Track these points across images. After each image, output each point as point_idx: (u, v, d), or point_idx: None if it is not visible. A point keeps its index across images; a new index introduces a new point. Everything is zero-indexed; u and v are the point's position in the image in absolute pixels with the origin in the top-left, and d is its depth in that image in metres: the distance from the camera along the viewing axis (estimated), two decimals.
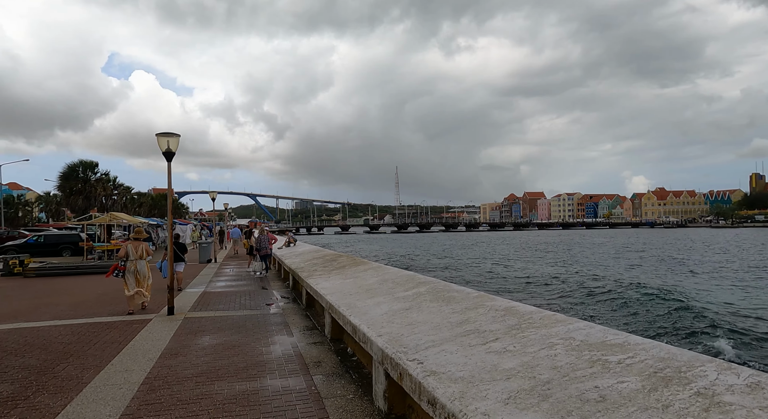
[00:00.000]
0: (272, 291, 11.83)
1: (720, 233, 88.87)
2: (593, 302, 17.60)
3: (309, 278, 8.79)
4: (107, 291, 11.81)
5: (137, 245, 9.18)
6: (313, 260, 12.16)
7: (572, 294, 19.38)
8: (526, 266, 31.43)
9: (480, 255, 42.86)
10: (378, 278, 7.17)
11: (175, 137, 8.48)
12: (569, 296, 19.06)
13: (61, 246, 27.37)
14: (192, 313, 8.66)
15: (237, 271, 17.12)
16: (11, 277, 15.99)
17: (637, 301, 17.09)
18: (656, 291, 18.55)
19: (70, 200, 30.80)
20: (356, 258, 10.81)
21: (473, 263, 35.30)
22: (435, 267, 31.94)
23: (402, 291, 5.82)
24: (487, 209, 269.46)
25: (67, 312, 8.87)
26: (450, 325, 3.96)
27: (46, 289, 12.62)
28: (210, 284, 13.44)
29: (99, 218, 23.11)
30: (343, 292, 6.62)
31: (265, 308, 9.25)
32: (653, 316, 14.75)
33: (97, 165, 32.48)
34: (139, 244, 9.22)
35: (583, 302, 17.66)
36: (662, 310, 15.42)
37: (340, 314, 5.42)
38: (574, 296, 19.04)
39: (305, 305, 9.26)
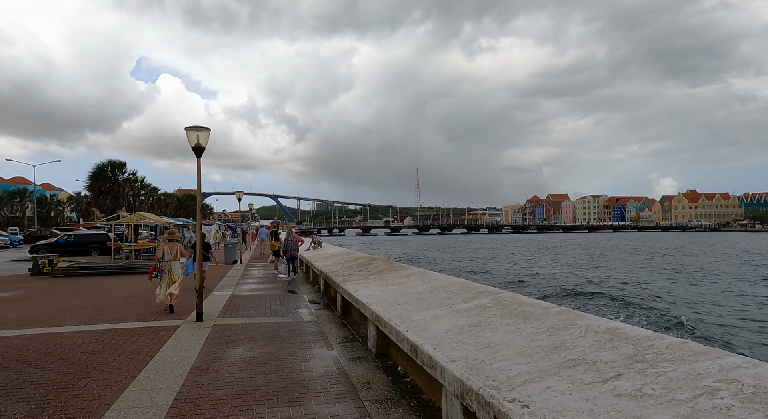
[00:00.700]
0: (302, 295, 11.25)
1: (760, 237, 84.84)
2: (701, 322, 14.44)
3: (345, 283, 8.13)
4: (133, 293, 11.45)
5: (172, 246, 9.28)
6: (345, 263, 11.53)
7: (644, 310, 16.53)
8: (564, 271, 30.19)
9: (509, 258, 41.61)
10: (426, 286, 6.45)
11: (205, 132, 7.97)
12: (646, 311, 16.08)
13: (90, 246, 27.62)
14: (221, 319, 8.12)
15: (264, 273, 16.65)
16: (40, 276, 15.91)
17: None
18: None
19: (99, 200, 31.14)
20: (393, 262, 10.13)
21: (506, 266, 34.15)
22: (468, 270, 30.92)
23: (461, 303, 5.09)
24: (510, 211, 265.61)
25: (93, 316, 8.45)
26: (542, 350, 3.22)
27: (73, 290, 12.36)
28: (237, 286, 12.97)
29: (127, 218, 23.10)
30: (389, 301, 5.93)
31: (298, 315, 8.65)
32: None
33: (125, 165, 32.82)
34: (174, 245, 9.31)
35: (677, 320, 14.53)
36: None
37: (392, 328, 4.72)
38: (653, 313, 15.88)
39: (340, 312, 8.61)
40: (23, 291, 12.17)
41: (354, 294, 6.98)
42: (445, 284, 6.30)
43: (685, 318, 14.73)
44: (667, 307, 17.10)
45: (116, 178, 31.85)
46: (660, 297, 19.48)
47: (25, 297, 11.09)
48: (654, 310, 16.35)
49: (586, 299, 18.90)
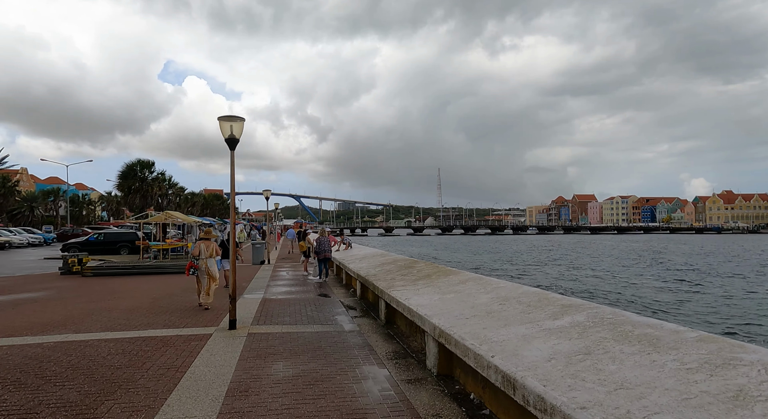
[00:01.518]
0: (336, 300, 10.52)
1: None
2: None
3: (391, 289, 7.33)
4: (161, 295, 10.95)
5: (208, 244, 9.56)
6: (383, 265, 10.75)
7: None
8: (604, 274, 28.69)
9: (544, 259, 40.01)
10: (491, 295, 5.59)
11: (239, 122, 7.30)
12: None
13: (119, 244, 27.70)
14: (256, 327, 7.43)
15: (293, 275, 16.04)
16: (70, 276, 15.70)
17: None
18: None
19: (128, 199, 31.32)
20: (439, 265, 9.29)
21: (542, 268, 32.67)
22: (506, 272, 29.63)
23: (547, 319, 4.22)
24: (534, 212, 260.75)
25: (120, 321, 7.90)
26: (717, 401, 2.33)
27: (101, 291, 11.97)
28: (268, 289, 12.35)
29: (155, 217, 22.96)
30: (452, 314, 5.09)
31: (337, 323, 7.89)
32: None
33: (153, 164, 32.97)
34: (209, 244, 9.60)
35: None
36: None
37: (468, 350, 3.89)
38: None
39: (384, 320, 7.82)
40: (52, 291, 11.84)
41: (405, 303, 6.16)
42: (514, 294, 5.42)
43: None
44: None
45: (145, 177, 32.00)
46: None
47: (53, 298, 10.72)
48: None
49: (700, 317, 15.80)
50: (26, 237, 38.64)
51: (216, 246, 9.75)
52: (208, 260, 9.38)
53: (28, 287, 12.64)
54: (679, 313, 16.25)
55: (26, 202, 58.24)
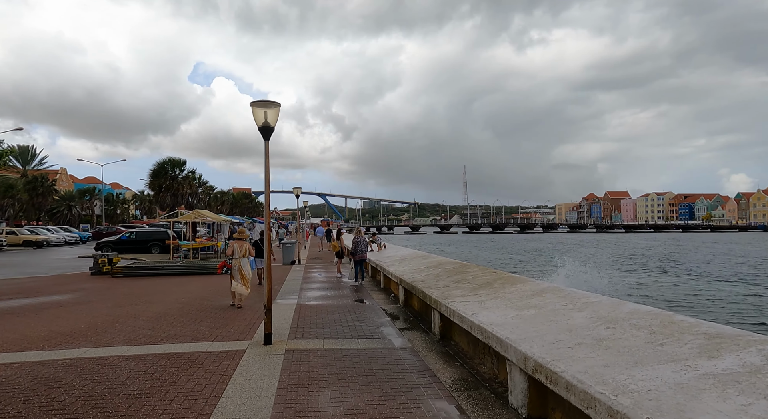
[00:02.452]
0: (377, 307, 9.56)
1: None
2: None
3: (448, 300, 6.28)
4: (190, 300, 10.24)
5: (241, 244, 9.62)
6: (428, 269, 9.71)
7: None
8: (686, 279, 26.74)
9: (597, 259, 37.65)
10: (586, 314, 4.47)
11: (274, 108, 6.40)
12: None
13: (151, 243, 27.66)
14: (294, 342, 6.53)
15: (327, 276, 15.20)
16: (100, 276, 15.34)
17: None
18: None
19: (159, 198, 31.33)
20: (495, 270, 8.18)
21: (605, 271, 30.36)
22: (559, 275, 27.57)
23: (698, 356, 3.08)
24: (563, 210, 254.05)
25: (145, 332, 7.15)
26: None
27: (129, 293, 11.39)
28: (302, 293, 11.51)
29: (185, 216, 22.64)
30: (544, 339, 4.01)
31: (384, 337, 6.90)
32: None
33: (184, 163, 32.94)
34: (243, 243, 9.69)
35: None
36: None
37: (603, 405, 2.81)
38: None
39: (439, 335, 6.77)
40: (79, 294, 11.34)
41: (472, 320, 5.11)
42: (621, 313, 4.29)
43: None
44: None
45: (175, 175, 31.97)
46: None
47: (79, 302, 10.17)
48: None
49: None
50: (63, 236, 39.46)
51: (249, 246, 9.89)
52: (242, 260, 9.46)
53: (56, 289, 12.22)
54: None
55: (64, 201, 60.01)
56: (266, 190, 6.40)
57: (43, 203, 47.91)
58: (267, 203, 6.52)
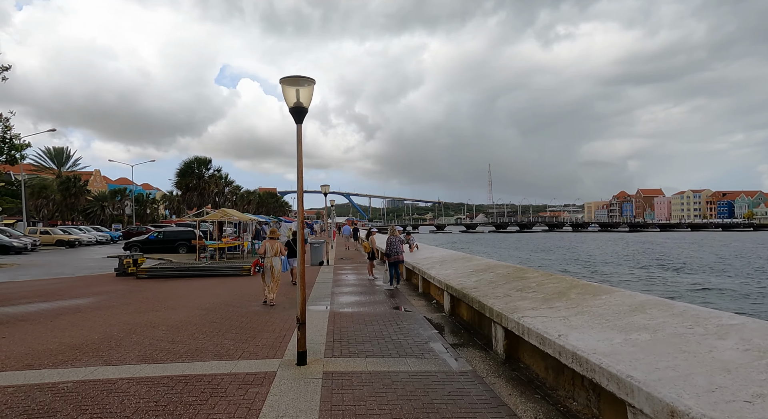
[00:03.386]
0: (418, 314, 8.51)
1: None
2: None
3: (517, 314, 5.18)
4: (215, 306, 9.42)
5: (273, 243, 9.75)
6: (477, 273, 8.59)
7: None
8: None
9: (649, 260, 35.10)
10: (731, 341, 3.30)
11: (308, 86, 5.43)
12: None
13: (178, 243, 27.41)
14: (332, 361, 5.55)
15: (358, 279, 14.23)
16: (125, 277, 14.84)
17: None
18: None
19: (186, 197, 31.12)
20: (560, 275, 7.00)
21: (669, 273, 28.04)
22: (622, 279, 25.56)
23: None
24: (593, 208, 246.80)
25: (163, 345, 6.32)
26: None
27: (152, 297, 10.70)
28: (334, 297, 10.57)
29: (211, 215, 22.14)
30: (692, 382, 2.87)
31: (436, 355, 5.85)
32: None
33: (210, 161, 32.67)
34: (275, 242, 9.80)
35: None
36: None
37: None
38: None
39: (503, 355, 5.67)
40: (101, 298, 10.72)
41: (562, 345, 3.99)
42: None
43: None
44: None
45: (202, 174, 31.71)
46: None
47: (98, 306, 9.51)
48: None
49: None
50: (94, 235, 39.99)
51: (281, 245, 10.00)
52: (273, 259, 9.57)
53: (78, 292, 11.67)
54: None
55: (98, 201, 61.34)
56: (299, 180, 5.43)
57: (76, 203, 48.88)
58: (300, 195, 5.54)
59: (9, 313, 8.88)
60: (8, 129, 10.42)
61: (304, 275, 5.63)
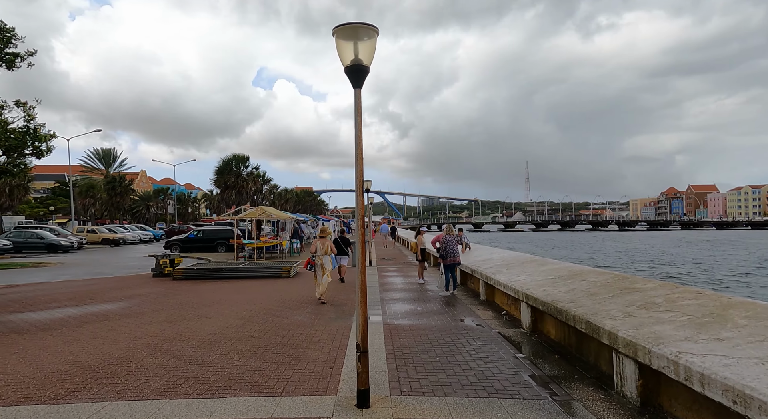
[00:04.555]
0: (489, 329, 7.06)
1: None
2: None
3: (675, 351, 3.65)
4: (253, 314, 8.31)
5: (324, 242, 9.74)
6: (561, 281, 7.02)
7: None
8: None
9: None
10: None
11: (369, 39, 4.11)
12: None
13: (217, 241, 27.05)
14: (401, 402, 4.21)
15: (406, 282, 12.89)
16: (161, 278, 14.15)
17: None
18: None
19: (225, 195, 30.80)
20: (691, 288, 5.36)
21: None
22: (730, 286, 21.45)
23: None
24: (638, 205, 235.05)
25: (190, 368, 5.19)
26: None
27: (185, 303, 9.77)
28: (385, 305, 9.27)
29: (248, 213, 21.40)
30: None
31: (541, 396, 4.39)
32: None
33: (248, 159, 32.27)
34: (325, 241, 9.79)
35: None
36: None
37: None
38: None
39: (638, 399, 4.14)
40: (132, 302, 9.88)
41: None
42: None
43: None
44: None
45: (240, 172, 31.30)
46: None
47: (128, 313, 8.61)
48: None
49: None
50: (138, 234, 40.69)
51: (331, 243, 10.02)
52: (324, 257, 9.57)
53: (110, 295, 10.93)
54: None
55: (143, 201, 63.15)
56: (357, 155, 4.12)
57: (121, 202, 50.21)
58: (360, 178, 4.22)
59: (33, 320, 8.11)
60: (31, 118, 9.70)
61: (365, 288, 4.31)
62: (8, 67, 9.56)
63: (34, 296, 10.78)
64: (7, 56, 9.47)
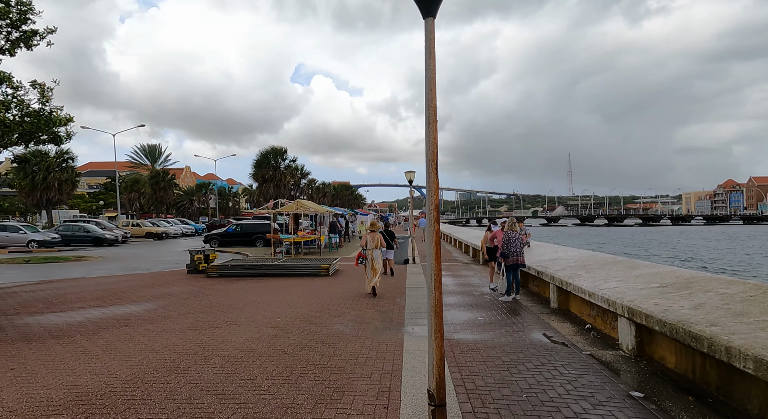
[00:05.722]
0: (582, 356, 5.59)
1: None
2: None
3: None
4: (289, 321, 7.19)
5: (374, 236, 9.69)
6: (676, 291, 5.43)
7: None
8: None
9: None
10: None
11: None
12: None
13: (255, 236, 26.59)
14: None
15: (458, 284, 11.49)
16: (195, 275, 13.44)
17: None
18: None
19: (263, 189, 30.30)
20: None
21: None
22: None
23: None
24: (692, 199, 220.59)
25: (207, 400, 4.07)
26: None
27: (215, 306, 8.82)
28: None
29: (286, 207, 20.60)
30: None
31: None
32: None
33: (285, 151, 31.64)
34: (375, 235, 9.73)
35: None
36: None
37: None
38: None
39: None
40: (159, 304, 9.05)
41: None
42: None
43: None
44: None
45: (277, 165, 30.70)
46: None
47: (151, 318, 7.72)
48: None
49: None
50: (180, 228, 41.24)
51: (381, 238, 9.87)
52: (374, 251, 9.53)
53: (139, 294, 10.19)
54: None
55: (187, 195, 64.60)
56: (430, 104, 2.80)
57: (165, 196, 51.31)
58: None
59: (50, 324, 7.35)
60: (47, 100, 8.98)
61: (441, 312, 3.00)
62: (27, 47, 8.92)
63: (63, 294, 10.20)
64: (25, 34, 8.80)
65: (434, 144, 2.87)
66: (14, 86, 8.51)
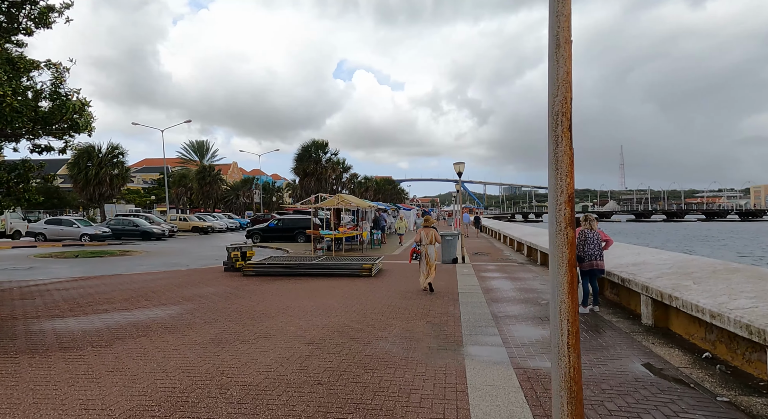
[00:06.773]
0: (710, 396, 4.11)
1: None
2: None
3: None
4: (324, 338, 6.07)
5: (428, 231, 9.55)
6: None
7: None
8: None
9: None
10: None
11: None
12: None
13: (296, 231, 26.05)
14: None
15: (517, 288, 10.03)
16: (231, 273, 12.75)
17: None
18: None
19: (304, 183, 29.73)
20: None
21: None
22: None
23: None
24: (762, 193, 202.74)
25: None
26: None
27: (245, 311, 7.90)
28: (502, 329, 6.57)
29: (327, 201, 19.73)
30: None
31: None
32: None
33: (327, 145, 30.88)
34: (429, 230, 9.59)
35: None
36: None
37: None
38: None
39: None
40: (187, 308, 8.25)
41: None
42: None
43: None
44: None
45: (319, 158, 30.01)
46: None
47: (173, 326, 6.88)
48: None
49: None
50: (225, 222, 41.72)
51: (436, 233, 9.69)
52: (428, 247, 9.40)
53: (170, 295, 9.49)
54: None
55: (233, 190, 65.96)
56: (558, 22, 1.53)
57: (211, 191, 52.35)
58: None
59: (65, 331, 6.66)
60: (61, 81, 8.35)
61: (581, 402, 1.75)
62: (44, 25, 8.36)
63: (92, 294, 9.69)
64: (40, 10, 8.22)
65: (566, 83, 1.58)
66: (36, 66, 8.00)
